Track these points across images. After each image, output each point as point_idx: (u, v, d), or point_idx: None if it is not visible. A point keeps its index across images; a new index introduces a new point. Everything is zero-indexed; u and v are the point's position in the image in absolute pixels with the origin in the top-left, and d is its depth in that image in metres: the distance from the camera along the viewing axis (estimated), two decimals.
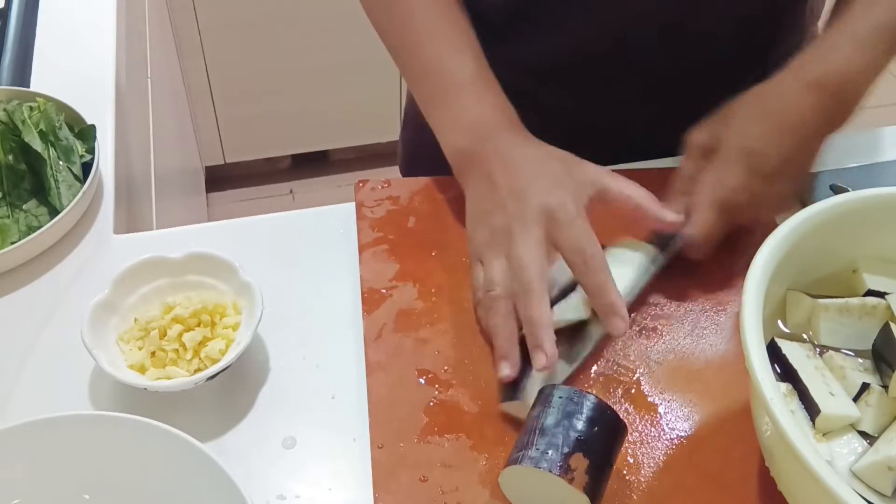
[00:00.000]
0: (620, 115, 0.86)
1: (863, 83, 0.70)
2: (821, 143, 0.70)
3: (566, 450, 0.55)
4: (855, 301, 0.60)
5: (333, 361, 0.69)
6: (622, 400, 0.66)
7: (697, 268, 0.73)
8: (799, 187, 0.73)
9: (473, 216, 0.71)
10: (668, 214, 0.69)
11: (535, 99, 0.82)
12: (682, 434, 0.64)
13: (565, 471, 0.54)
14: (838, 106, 0.69)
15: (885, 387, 0.56)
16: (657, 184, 0.73)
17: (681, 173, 0.73)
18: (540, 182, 0.67)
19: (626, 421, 0.64)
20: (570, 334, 0.67)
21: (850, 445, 0.55)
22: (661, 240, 0.72)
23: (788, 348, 0.57)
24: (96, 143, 0.83)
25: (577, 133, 0.87)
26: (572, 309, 0.67)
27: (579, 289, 0.67)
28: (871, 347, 0.58)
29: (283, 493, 0.62)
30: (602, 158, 0.84)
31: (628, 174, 0.71)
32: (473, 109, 0.72)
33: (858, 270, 0.62)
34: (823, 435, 0.55)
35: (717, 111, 0.73)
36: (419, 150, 1.03)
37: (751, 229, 0.71)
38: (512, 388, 0.63)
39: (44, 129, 0.80)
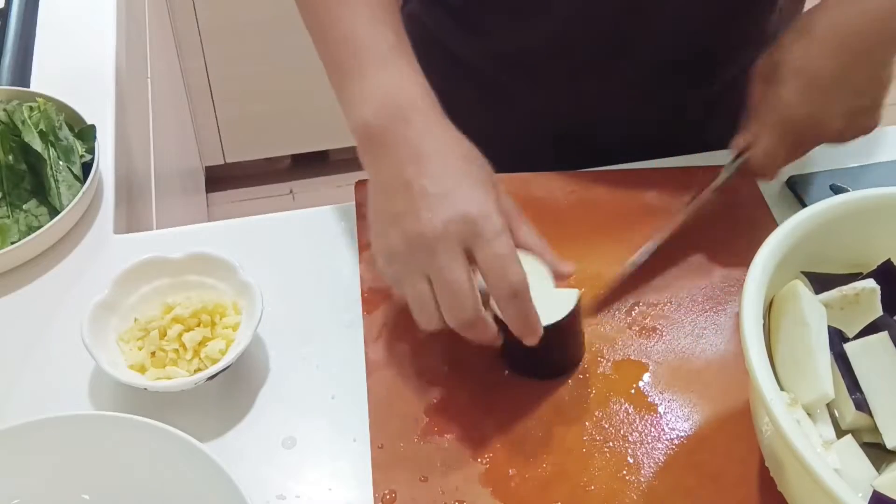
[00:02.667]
0: (599, 108, 0.86)
1: None
2: (880, 55, 0.69)
3: None
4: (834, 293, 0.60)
5: (333, 361, 0.69)
6: (622, 400, 0.65)
7: (697, 268, 0.73)
8: (868, 103, 0.71)
9: (381, 214, 0.62)
10: (564, 266, 0.65)
11: (511, 91, 0.82)
12: (682, 434, 0.64)
13: None
14: (888, 30, 0.68)
15: None
16: (651, 185, 0.73)
17: (751, 104, 0.73)
18: (461, 187, 0.60)
19: (626, 421, 0.64)
20: None
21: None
22: (727, 165, 0.73)
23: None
24: (96, 143, 0.83)
25: (546, 127, 0.87)
26: None
27: None
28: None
29: (283, 493, 0.62)
30: (582, 156, 0.84)
31: (619, 175, 0.71)
32: (388, 83, 0.64)
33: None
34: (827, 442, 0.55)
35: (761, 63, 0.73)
36: None
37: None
38: None
39: (44, 129, 0.80)
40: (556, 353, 0.67)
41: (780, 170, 0.72)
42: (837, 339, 0.58)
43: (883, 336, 0.56)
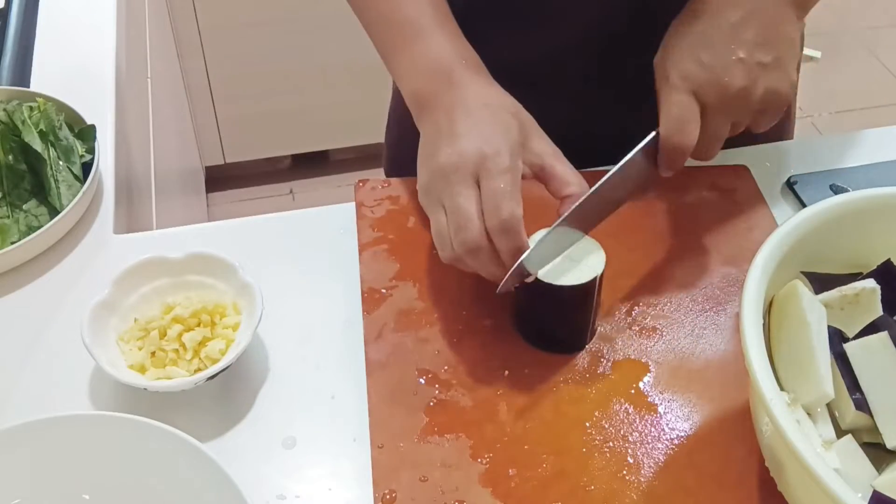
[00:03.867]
0: (601, 114, 0.86)
1: None
2: (775, 12, 0.68)
3: None
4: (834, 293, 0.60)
5: (333, 361, 0.69)
6: (622, 400, 0.66)
7: (697, 268, 0.74)
8: (770, 59, 0.68)
9: (421, 159, 0.68)
10: (566, 188, 0.66)
11: (519, 100, 0.82)
12: (682, 434, 0.64)
13: None
14: None
15: None
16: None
17: (657, 88, 0.71)
18: (482, 128, 0.65)
19: (626, 421, 0.64)
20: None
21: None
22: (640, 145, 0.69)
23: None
24: (96, 143, 0.83)
25: (561, 133, 0.87)
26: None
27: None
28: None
29: (283, 493, 0.62)
30: (585, 158, 0.84)
31: (598, 177, 0.70)
32: (432, 52, 0.70)
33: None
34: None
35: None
36: (404, 152, 1.03)
37: (744, 126, 0.70)
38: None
39: (44, 129, 0.80)
40: (569, 321, 0.68)
41: (694, 131, 0.67)
42: (837, 339, 0.58)
43: (883, 336, 0.56)
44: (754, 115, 0.70)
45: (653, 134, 0.68)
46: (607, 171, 0.67)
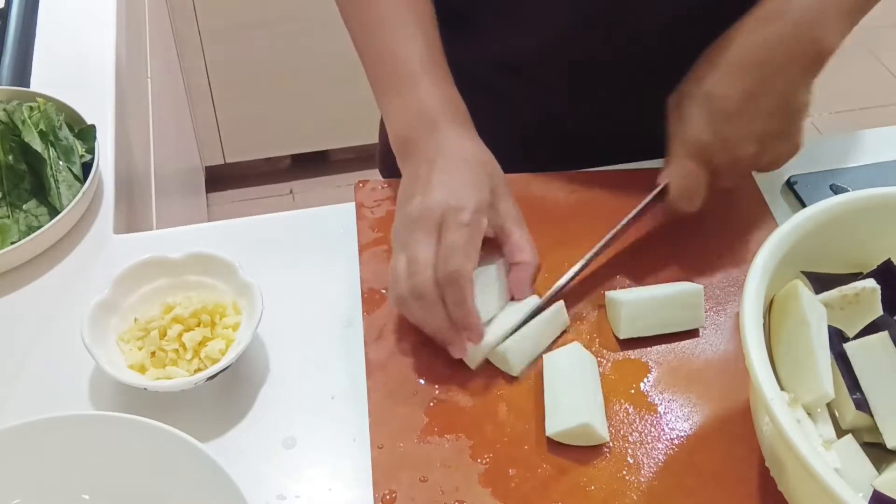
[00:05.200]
0: (598, 110, 0.86)
1: (831, 15, 0.68)
2: (789, 80, 0.69)
3: None
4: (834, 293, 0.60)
5: (333, 361, 0.69)
6: (622, 400, 0.65)
7: (698, 268, 0.73)
8: (780, 128, 0.71)
9: (397, 202, 0.70)
10: (527, 292, 0.70)
11: (505, 95, 0.82)
12: (682, 434, 0.64)
13: None
14: (803, 37, 0.68)
15: None
16: (646, 185, 0.73)
17: (669, 137, 0.73)
18: (455, 182, 0.67)
19: (626, 421, 0.64)
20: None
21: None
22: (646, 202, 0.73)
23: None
24: (96, 143, 0.83)
25: (544, 130, 0.87)
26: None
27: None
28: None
29: (283, 493, 0.62)
30: (574, 154, 0.84)
31: (613, 176, 0.71)
32: (421, 98, 0.72)
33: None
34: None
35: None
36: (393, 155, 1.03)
37: (733, 184, 0.73)
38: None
39: (44, 129, 0.80)
40: None
41: (699, 199, 0.71)
42: (837, 339, 0.58)
43: (883, 336, 0.56)
44: (756, 172, 0.74)
45: (656, 191, 0.73)
46: (610, 170, 0.68)
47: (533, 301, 0.69)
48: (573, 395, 0.63)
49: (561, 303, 0.70)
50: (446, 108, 0.72)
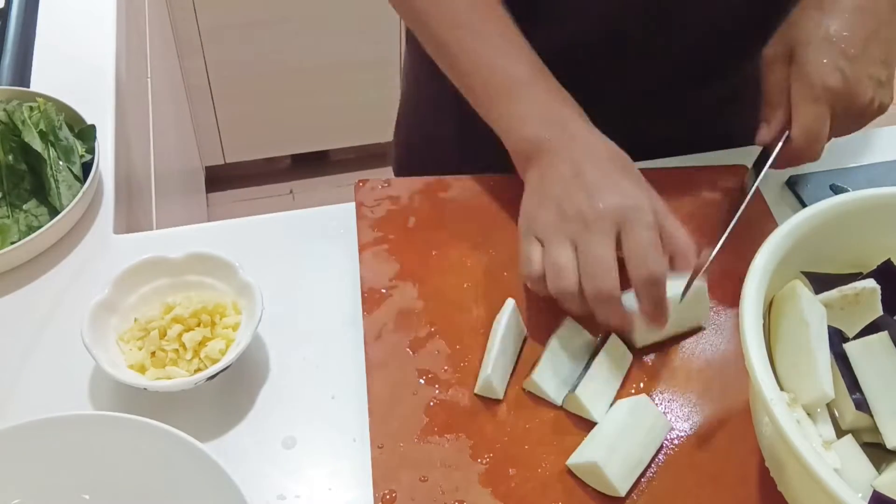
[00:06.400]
0: (618, 105, 0.86)
1: None
2: (892, 30, 0.71)
3: None
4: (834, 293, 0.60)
5: (333, 361, 0.69)
6: (620, 400, 0.65)
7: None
8: (885, 76, 0.72)
9: (541, 197, 0.68)
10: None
11: None
12: (682, 434, 0.64)
13: None
14: None
15: None
16: (652, 184, 0.73)
17: (769, 90, 0.74)
18: (621, 181, 0.67)
19: None
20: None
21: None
22: (762, 154, 0.73)
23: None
24: (96, 143, 0.83)
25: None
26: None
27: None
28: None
29: (283, 493, 0.62)
30: None
31: None
32: (545, 102, 0.72)
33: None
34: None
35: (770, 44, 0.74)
36: (411, 153, 1.03)
37: (846, 132, 0.73)
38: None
39: (44, 129, 0.80)
40: None
41: (823, 145, 0.71)
42: (837, 339, 0.58)
43: (883, 336, 0.56)
44: (863, 123, 0.73)
45: (782, 142, 0.72)
46: None
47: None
48: (629, 444, 0.61)
49: (619, 340, 0.68)
50: (574, 110, 0.72)
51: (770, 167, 0.73)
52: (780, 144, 0.72)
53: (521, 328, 0.69)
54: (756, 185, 0.73)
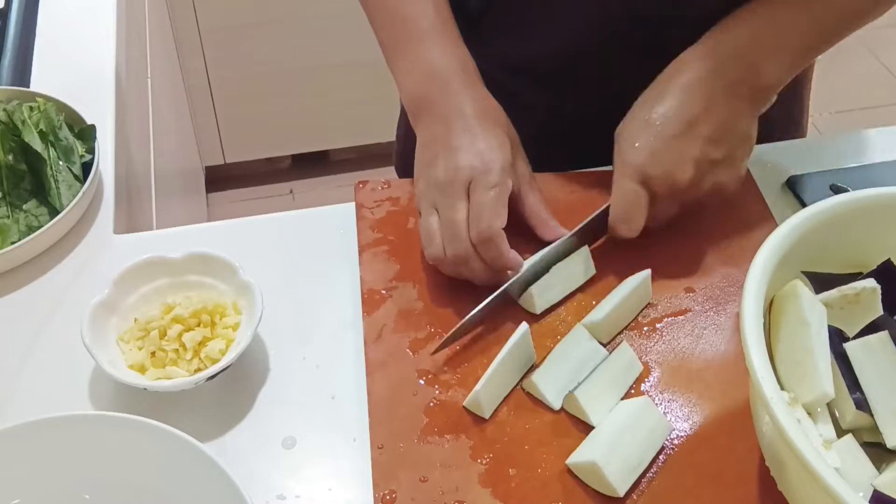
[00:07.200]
0: (611, 111, 0.86)
1: (767, 45, 0.71)
2: (731, 108, 0.70)
3: None
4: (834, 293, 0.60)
5: (333, 361, 0.70)
6: (621, 400, 0.65)
7: (697, 268, 0.74)
8: (721, 157, 0.71)
9: (417, 164, 0.73)
10: (547, 232, 0.73)
11: (521, 97, 0.82)
12: (682, 434, 0.64)
13: None
14: (739, 65, 0.70)
15: None
16: None
17: (613, 164, 0.74)
18: (477, 143, 0.69)
19: None
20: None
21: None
22: (584, 226, 0.73)
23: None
24: (96, 143, 0.83)
25: (566, 131, 0.87)
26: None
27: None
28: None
29: (283, 493, 0.62)
30: (588, 156, 0.84)
31: (597, 176, 0.70)
32: (431, 57, 0.73)
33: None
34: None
35: None
36: (413, 147, 1.03)
37: (672, 212, 0.73)
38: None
39: (44, 129, 0.80)
40: None
41: (638, 223, 0.71)
42: (837, 338, 0.58)
43: (883, 336, 0.56)
44: (698, 203, 0.73)
45: (604, 207, 0.73)
46: (610, 170, 0.69)
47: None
48: (629, 445, 0.61)
49: (586, 248, 0.73)
50: (458, 67, 0.73)
51: (588, 234, 0.74)
52: (598, 211, 0.73)
53: (530, 354, 0.67)
54: (555, 244, 0.73)
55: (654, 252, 0.75)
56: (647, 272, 0.71)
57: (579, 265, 0.72)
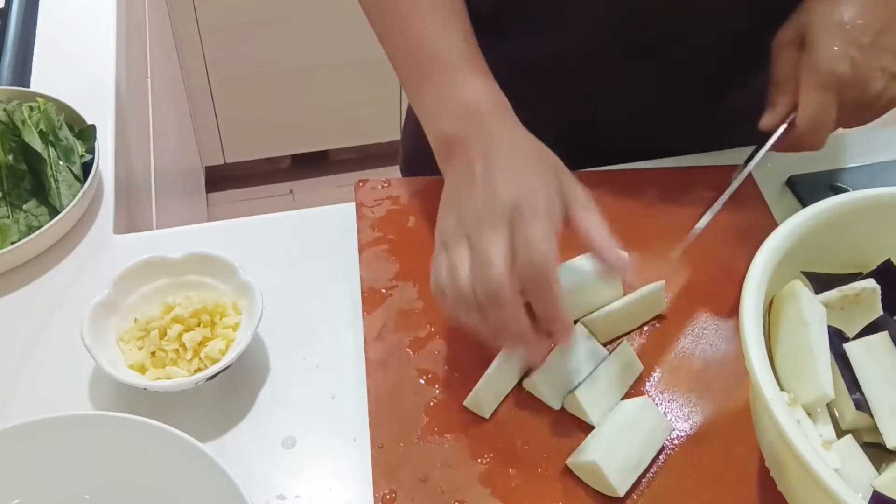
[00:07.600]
0: (617, 114, 0.86)
1: None
2: None
3: None
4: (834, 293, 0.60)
5: (333, 361, 0.69)
6: (622, 400, 0.65)
7: (697, 268, 0.73)
8: None
9: (446, 201, 0.64)
10: (613, 265, 0.62)
11: (533, 98, 0.82)
12: (682, 434, 0.64)
13: None
14: None
15: None
16: (651, 185, 0.73)
17: (777, 76, 0.72)
18: (516, 176, 0.62)
19: None
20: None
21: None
22: (764, 136, 0.71)
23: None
24: (96, 143, 0.83)
25: (573, 133, 0.87)
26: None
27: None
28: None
29: (283, 493, 0.62)
30: (594, 158, 0.84)
31: (620, 175, 0.70)
32: (460, 91, 0.67)
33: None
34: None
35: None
36: (419, 151, 1.03)
37: (853, 124, 0.71)
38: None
39: (44, 129, 0.80)
40: None
41: (827, 134, 0.70)
42: (837, 339, 0.58)
43: (883, 336, 0.56)
44: (872, 116, 0.71)
45: (785, 126, 0.71)
46: (616, 169, 0.68)
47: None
48: (629, 445, 0.61)
49: (630, 351, 0.67)
50: (490, 102, 0.67)
51: (770, 150, 0.71)
52: (783, 127, 0.71)
53: None
54: (751, 165, 0.71)
55: (653, 252, 0.74)
56: (661, 283, 0.70)
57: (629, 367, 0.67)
